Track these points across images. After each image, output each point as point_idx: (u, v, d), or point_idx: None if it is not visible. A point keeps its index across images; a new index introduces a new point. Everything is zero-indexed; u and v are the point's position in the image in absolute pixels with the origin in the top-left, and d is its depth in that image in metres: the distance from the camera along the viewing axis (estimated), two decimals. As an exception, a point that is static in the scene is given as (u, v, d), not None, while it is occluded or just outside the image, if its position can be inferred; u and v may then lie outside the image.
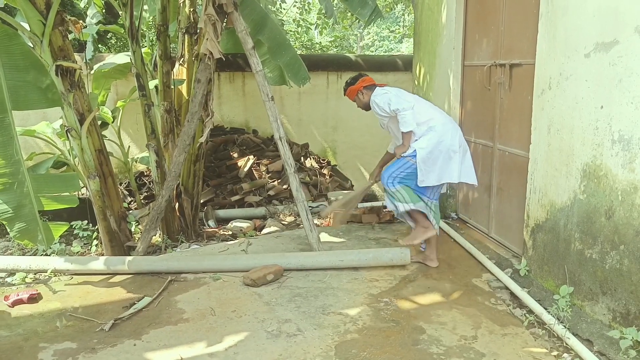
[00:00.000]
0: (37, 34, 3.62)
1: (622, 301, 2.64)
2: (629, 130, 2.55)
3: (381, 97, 3.76)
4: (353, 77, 3.99)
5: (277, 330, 2.97)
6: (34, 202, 3.60)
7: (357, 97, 3.94)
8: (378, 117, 3.91)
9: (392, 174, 3.77)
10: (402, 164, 3.75)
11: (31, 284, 3.67)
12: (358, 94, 3.92)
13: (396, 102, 3.65)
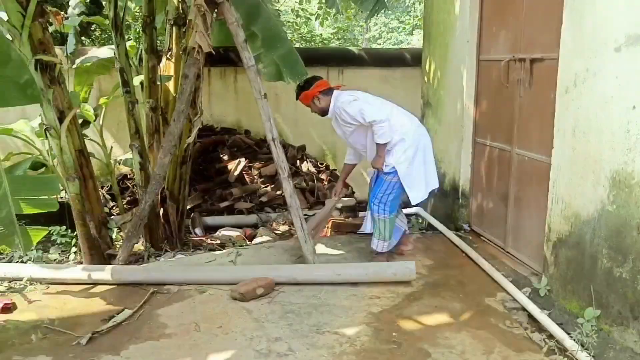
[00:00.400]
0: (16, 26, 3.71)
1: (656, 327, 2.62)
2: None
3: (351, 106, 3.89)
4: (306, 81, 4.13)
5: (266, 349, 3.03)
6: (11, 205, 3.68)
7: (313, 103, 4.06)
8: (341, 125, 4.05)
9: (381, 200, 4.01)
10: (386, 186, 4.00)
11: (5, 293, 3.74)
12: (314, 100, 4.04)
13: (371, 113, 3.80)
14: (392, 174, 3.96)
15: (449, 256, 4.41)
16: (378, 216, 4.05)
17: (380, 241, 4.11)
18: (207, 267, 4.01)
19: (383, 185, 4.01)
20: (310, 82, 4.07)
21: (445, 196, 5.08)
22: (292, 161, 6.38)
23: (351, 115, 3.89)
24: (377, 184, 4.05)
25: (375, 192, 4.03)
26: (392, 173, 3.96)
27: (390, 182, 3.99)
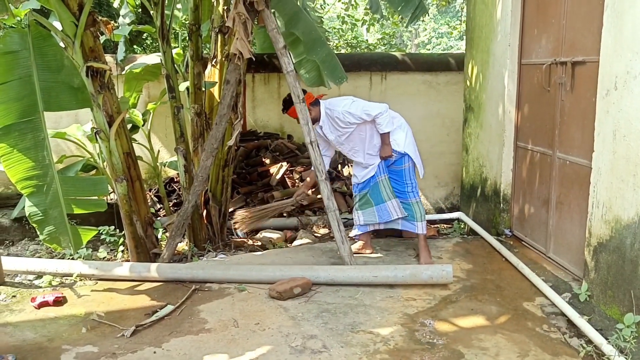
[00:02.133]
0: (69, 35, 3.98)
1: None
2: None
3: (354, 106, 4.23)
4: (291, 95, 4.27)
5: (301, 345, 3.13)
6: (63, 205, 3.95)
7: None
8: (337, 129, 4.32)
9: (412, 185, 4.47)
10: (407, 173, 4.45)
11: (57, 287, 4.01)
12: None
13: (373, 107, 4.24)
14: (405, 159, 4.42)
15: (489, 260, 4.40)
16: (415, 199, 4.45)
17: (423, 222, 4.43)
18: (247, 266, 4.14)
19: (405, 174, 4.45)
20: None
21: (487, 201, 5.07)
22: (333, 165, 6.48)
23: (356, 115, 4.21)
24: (398, 177, 4.47)
25: (403, 182, 4.45)
26: (405, 158, 4.42)
27: (407, 168, 4.44)
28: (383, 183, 4.49)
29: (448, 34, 20.68)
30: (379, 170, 4.49)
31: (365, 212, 4.56)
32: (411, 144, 4.44)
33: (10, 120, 3.79)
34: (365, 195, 4.56)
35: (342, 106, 4.25)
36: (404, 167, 4.43)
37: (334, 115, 4.27)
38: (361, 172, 4.55)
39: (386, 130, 4.30)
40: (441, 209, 6.87)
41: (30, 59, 3.83)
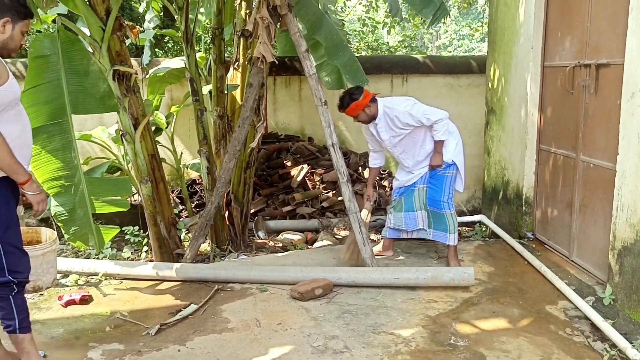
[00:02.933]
0: (96, 39, 4.09)
1: None
2: None
3: (415, 108, 4.15)
4: (354, 91, 4.23)
5: (323, 346, 3.18)
6: (89, 205, 4.05)
7: (363, 112, 4.21)
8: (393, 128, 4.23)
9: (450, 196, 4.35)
10: (449, 182, 4.34)
11: (83, 286, 4.12)
12: (365, 109, 4.20)
13: (434, 112, 4.15)
14: (452, 168, 4.32)
15: (511, 263, 4.40)
16: (450, 212, 4.33)
17: (455, 234, 4.35)
18: (269, 267, 4.20)
19: (446, 181, 4.34)
20: (360, 92, 4.21)
21: (509, 204, 5.06)
22: (355, 168, 6.52)
23: (416, 117, 4.13)
24: (438, 183, 4.35)
25: (441, 191, 4.34)
26: (451, 167, 4.31)
27: (450, 176, 4.33)
28: (419, 192, 4.42)
29: (469, 36, 20.58)
30: (421, 179, 4.42)
31: (396, 217, 4.50)
32: (460, 153, 4.35)
33: (39, 122, 3.89)
34: (400, 200, 4.50)
35: (403, 106, 4.18)
36: (447, 174, 4.34)
37: (393, 115, 4.18)
38: (405, 177, 4.48)
39: (442, 138, 4.23)
40: (462, 212, 6.85)
41: (59, 63, 3.93)
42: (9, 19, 2.61)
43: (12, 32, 2.64)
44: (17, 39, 2.69)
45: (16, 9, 2.64)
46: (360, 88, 4.27)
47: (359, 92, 4.20)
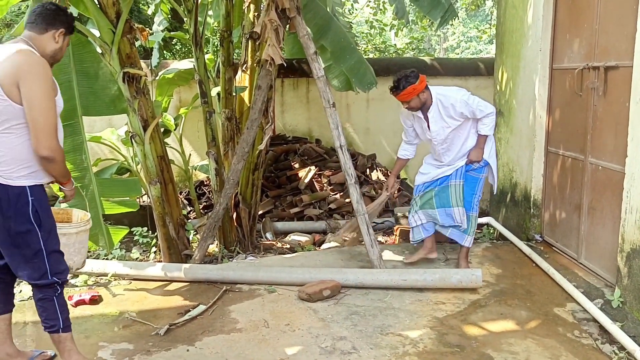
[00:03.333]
0: (107, 42, 4.14)
1: None
2: None
3: (471, 98, 3.99)
4: (410, 74, 3.97)
5: (331, 346, 3.19)
6: (99, 205, 4.09)
7: (417, 97, 3.98)
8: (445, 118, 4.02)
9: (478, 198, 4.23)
10: (480, 184, 4.23)
11: (92, 286, 4.15)
12: (420, 95, 3.97)
13: (486, 105, 4.00)
14: (485, 169, 4.22)
15: (518, 266, 4.40)
16: (474, 214, 4.21)
17: (472, 237, 4.26)
18: (277, 268, 4.23)
19: (479, 183, 4.22)
20: (413, 76, 3.96)
21: (517, 206, 5.06)
22: (362, 170, 6.55)
23: (471, 108, 3.97)
24: (471, 185, 4.19)
25: (474, 192, 4.20)
26: (485, 168, 4.21)
27: (483, 178, 4.23)
28: (455, 188, 4.19)
29: (477, 37, 20.58)
30: (455, 174, 4.19)
31: (427, 213, 4.29)
32: (494, 155, 4.24)
33: (50, 124, 3.94)
34: (429, 195, 4.27)
35: (460, 95, 3.99)
36: (481, 176, 4.21)
37: (449, 103, 3.97)
38: (434, 171, 4.28)
39: (488, 133, 4.08)
40: (470, 214, 6.85)
41: (70, 65, 3.99)
42: (64, 30, 2.73)
43: (63, 43, 2.75)
44: (64, 50, 2.80)
45: (69, 23, 2.78)
46: (416, 72, 4.01)
47: (416, 76, 3.96)
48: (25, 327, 3.50)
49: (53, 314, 2.75)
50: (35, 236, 2.63)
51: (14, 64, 2.49)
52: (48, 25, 2.68)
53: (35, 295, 2.75)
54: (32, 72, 2.50)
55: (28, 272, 2.68)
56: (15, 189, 2.57)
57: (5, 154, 2.55)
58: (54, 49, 2.71)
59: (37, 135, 2.51)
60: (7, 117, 2.52)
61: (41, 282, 2.70)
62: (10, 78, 2.48)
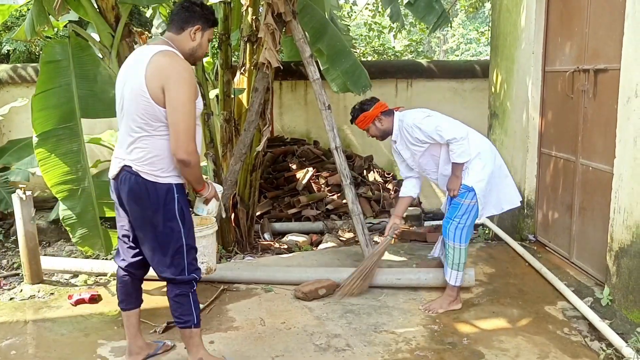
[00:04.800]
0: (106, 45, 4.21)
1: None
2: None
3: (426, 122, 3.61)
4: (366, 102, 3.85)
5: (325, 344, 3.26)
6: (96, 209, 4.15)
7: (373, 125, 3.81)
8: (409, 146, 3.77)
9: (457, 226, 3.64)
10: (464, 210, 3.64)
11: (92, 286, 4.22)
12: (375, 122, 3.79)
13: (449, 130, 3.54)
14: (470, 195, 3.61)
15: (512, 265, 4.46)
16: (453, 244, 3.66)
17: (454, 271, 3.69)
18: (274, 268, 4.30)
19: (460, 208, 3.64)
20: (370, 104, 3.82)
21: (511, 206, 5.13)
22: (359, 171, 6.62)
23: (426, 132, 3.60)
24: (452, 207, 3.70)
25: (451, 216, 3.68)
26: (470, 193, 3.61)
27: (467, 205, 3.62)
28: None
29: (476, 39, 20.64)
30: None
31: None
32: (484, 180, 3.63)
33: (49, 126, 4.00)
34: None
35: (412, 118, 3.66)
36: (462, 201, 3.64)
37: (405, 128, 3.71)
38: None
39: (458, 161, 3.58)
40: (466, 215, 6.91)
41: (69, 68, 4.06)
42: (200, 26, 2.72)
43: (201, 39, 2.75)
44: (204, 46, 2.79)
45: (206, 17, 2.74)
46: (375, 99, 3.86)
47: (370, 103, 3.81)
48: (25, 326, 3.57)
49: (188, 310, 2.81)
50: (179, 232, 2.71)
51: (159, 67, 2.53)
52: (184, 24, 2.70)
53: (172, 291, 2.80)
54: (177, 76, 2.52)
55: (169, 269, 2.75)
56: (163, 186, 2.65)
57: (153, 154, 2.62)
58: (192, 47, 2.73)
59: (177, 138, 2.54)
60: (153, 119, 2.57)
61: (180, 278, 2.76)
62: (157, 81, 2.52)
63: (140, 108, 2.56)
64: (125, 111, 2.63)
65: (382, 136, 3.87)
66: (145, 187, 2.63)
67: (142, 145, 2.61)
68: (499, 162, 3.79)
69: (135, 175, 2.63)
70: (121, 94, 2.67)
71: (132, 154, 2.63)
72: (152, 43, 2.74)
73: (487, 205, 3.79)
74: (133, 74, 2.58)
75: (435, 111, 3.77)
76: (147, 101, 2.54)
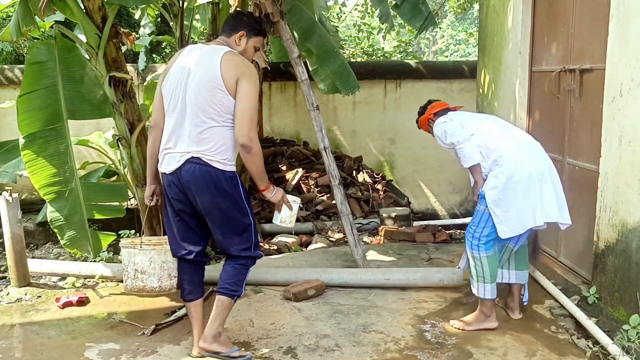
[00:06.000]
0: (93, 46, 4.18)
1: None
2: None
3: (440, 126, 3.58)
4: (423, 106, 3.82)
5: (314, 344, 3.25)
6: (84, 211, 4.12)
7: (430, 127, 3.74)
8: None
9: (475, 234, 3.43)
10: (479, 217, 3.43)
11: (80, 288, 4.20)
12: (430, 124, 3.73)
13: (452, 134, 3.45)
14: (483, 202, 3.41)
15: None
16: (472, 253, 3.45)
17: (481, 284, 3.41)
18: (263, 269, 4.28)
19: (476, 216, 3.47)
20: (425, 107, 3.78)
21: (499, 206, 5.14)
22: (349, 171, 6.62)
23: (439, 137, 3.59)
24: (474, 215, 3.52)
25: (470, 224, 3.51)
26: (483, 200, 3.40)
27: (482, 212, 3.41)
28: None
29: (465, 40, 20.73)
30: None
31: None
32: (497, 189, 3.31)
33: (35, 127, 3.96)
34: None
35: (436, 124, 3.63)
36: (478, 207, 3.45)
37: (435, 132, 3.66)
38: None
39: (464, 165, 3.46)
40: (455, 215, 6.95)
41: (55, 69, 4.03)
42: (244, 33, 3.00)
43: (246, 45, 3.02)
44: (250, 52, 3.07)
45: (251, 25, 3.05)
46: (430, 101, 3.79)
47: (425, 107, 3.77)
48: (12, 329, 3.54)
49: (240, 282, 3.05)
50: (247, 212, 2.98)
51: (234, 63, 2.82)
52: (232, 30, 3.01)
53: (236, 262, 3.05)
54: (249, 72, 2.83)
55: (240, 245, 3.00)
56: (229, 173, 2.89)
57: (222, 143, 2.84)
58: (239, 51, 2.98)
59: (242, 123, 2.78)
60: (225, 110, 2.82)
61: (247, 254, 3.03)
62: (232, 75, 2.78)
63: (214, 99, 2.78)
64: (191, 103, 2.82)
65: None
66: (216, 175, 2.84)
67: (210, 136, 2.82)
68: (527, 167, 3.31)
69: (206, 165, 2.83)
70: (182, 88, 2.85)
71: (201, 145, 2.82)
72: (210, 44, 3.02)
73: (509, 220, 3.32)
74: (203, 68, 2.82)
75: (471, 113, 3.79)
76: (223, 93, 2.78)
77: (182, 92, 2.85)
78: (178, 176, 2.90)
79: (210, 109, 2.80)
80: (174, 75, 2.91)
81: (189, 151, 2.84)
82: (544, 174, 3.34)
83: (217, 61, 2.79)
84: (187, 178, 2.86)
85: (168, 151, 2.93)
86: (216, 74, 2.77)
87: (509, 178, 3.28)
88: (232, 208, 2.92)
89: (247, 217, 3.00)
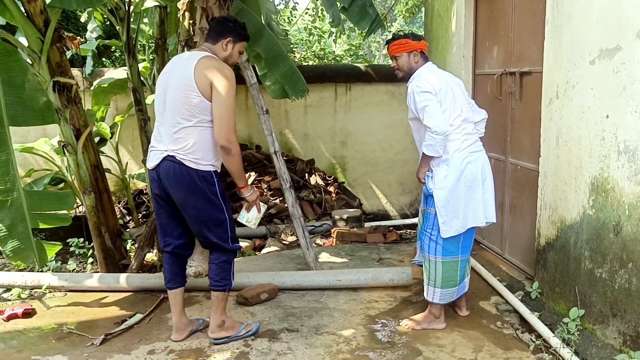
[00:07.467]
0: (35, 50, 4.02)
1: (631, 323, 2.73)
2: (634, 141, 2.64)
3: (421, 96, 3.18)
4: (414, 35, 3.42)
5: (267, 348, 3.23)
6: (29, 220, 3.94)
7: (407, 56, 3.35)
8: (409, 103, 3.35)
9: (431, 237, 3.32)
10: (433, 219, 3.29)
11: (26, 300, 4.03)
12: (411, 54, 3.35)
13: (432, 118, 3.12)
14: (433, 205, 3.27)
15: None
16: (428, 256, 3.34)
17: (431, 287, 3.35)
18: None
19: (428, 219, 3.33)
20: (417, 36, 3.41)
21: (447, 205, 5.24)
22: (301, 174, 6.60)
23: (416, 105, 3.22)
24: (426, 217, 3.37)
25: (424, 227, 3.38)
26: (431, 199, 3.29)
27: (434, 214, 3.27)
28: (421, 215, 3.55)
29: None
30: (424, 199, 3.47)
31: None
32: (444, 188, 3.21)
33: (-26, 135, 3.77)
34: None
35: (418, 82, 3.25)
36: (429, 210, 3.33)
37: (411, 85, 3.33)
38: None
39: (426, 152, 3.19)
40: (406, 215, 7.04)
41: (-5, 75, 3.84)
42: (231, 39, 3.13)
43: (232, 50, 3.16)
44: (235, 56, 3.20)
45: (237, 31, 3.16)
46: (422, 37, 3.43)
47: (419, 37, 3.39)
48: (-48, 345, 3.36)
49: (227, 275, 3.23)
50: (222, 208, 3.13)
51: (207, 67, 2.94)
52: (218, 36, 3.13)
53: (218, 258, 3.22)
54: (222, 75, 2.93)
55: (214, 239, 3.15)
56: (204, 172, 3.03)
57: (197, 144, 2.98)
58: (224, 56, 3.13)
59: (221, 126, 2.94)
60: (199, 112, 2.95)
61: (225, 246, 3.19)
62: (205, 79, 2.92)
63: (187, 101, 2.93)
64: (169, 105, 2.99)
65: (406, 72, 3.40)
66: (187, 173, 2.99)
67: (184, 136, 2.97)
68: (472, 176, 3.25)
69: (179, 163, 2.99)
70: (163, 92, 3.03)
71: (176, 144, 2.99)
72: (193, 51, 3.18)
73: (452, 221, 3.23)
74: (179, 72, 2.98)
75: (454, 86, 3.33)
76: (196, 95, 2.92)
77: (163, 95, 3.04)
78: (158, 172, 3.08)
79: (185, 110, 2.95)
80: (160, 81, 3.11)
81: (166, 149, 3.02)
82: (485, 173, 3.33)
83: (192, 66, 2.94)
84: (164, 175, 3.05)
85: (152, 149, 3.13)
86: (190, 78, 2.92)
87: (458, 178, 3.21)
88: (206, 205, 3.07)
89: (222, 212, 3.14)
